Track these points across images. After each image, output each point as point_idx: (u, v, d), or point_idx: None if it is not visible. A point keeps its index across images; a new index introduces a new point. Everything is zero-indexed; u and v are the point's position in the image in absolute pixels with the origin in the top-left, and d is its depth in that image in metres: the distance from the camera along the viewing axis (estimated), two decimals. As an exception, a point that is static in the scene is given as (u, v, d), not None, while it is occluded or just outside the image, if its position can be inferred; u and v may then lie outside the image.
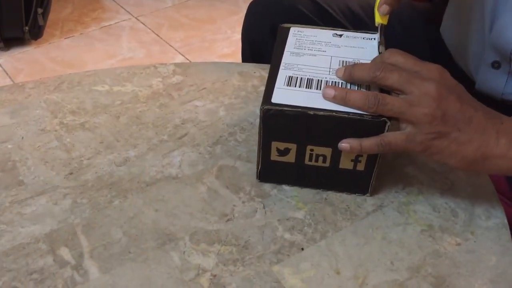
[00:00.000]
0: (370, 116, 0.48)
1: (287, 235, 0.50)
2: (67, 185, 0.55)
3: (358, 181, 0.53)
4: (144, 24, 2.00)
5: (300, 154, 0.52)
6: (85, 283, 0.46)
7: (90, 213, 0.52)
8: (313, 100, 0.49)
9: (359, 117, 0.48)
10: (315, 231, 0.51)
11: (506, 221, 0.52)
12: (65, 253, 0.49)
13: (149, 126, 0.62)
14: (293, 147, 0.51)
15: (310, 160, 0.52)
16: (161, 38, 1.92)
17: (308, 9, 0.78)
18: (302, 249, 0.49)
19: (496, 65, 0.66)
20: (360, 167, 0.52)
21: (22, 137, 0.60)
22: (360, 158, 0.51)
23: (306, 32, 0.58)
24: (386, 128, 0.48)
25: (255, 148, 0.59)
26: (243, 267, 0.48)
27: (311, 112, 0.48)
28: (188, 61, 1.79)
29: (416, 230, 0.51)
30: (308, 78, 0.51)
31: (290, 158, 0.52)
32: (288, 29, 0.59)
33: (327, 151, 0.51)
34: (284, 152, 0.52)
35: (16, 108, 0.64)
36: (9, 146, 0.59)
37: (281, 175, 0.55)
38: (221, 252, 0.49)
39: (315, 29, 0.59)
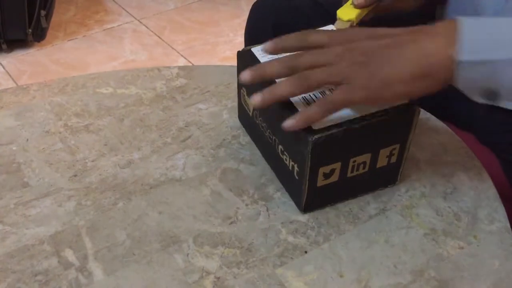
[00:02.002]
0: (397, 108, 0.49)
1: (290, 238, 0.51)
2: (72, 187, 0.55)
3: (389, 173, 0.54)
4: (146, 26, 2.01)
5: (344, 169, 0.51)
6: (90, 285, 0.46)
7: (94, 215, 0.52)
8: (339, 113, 0.48)
9: (391, 111, 0.49)
10: (318, 234, 0.51)
11: (509, 225, 0.52)
12: (69, 254, 0.49)
13: (153, 128, 0.62)
14: (337, 166, 0.50)
15: (352, 171, 0.51)
16: (164, 40, 1.93)
17: (310, 11, 0.79)
18: (306, 252, 0.49)
19: None
20: (393, 159, 0.52)
21: (27, 139, 0.61)
22: (393, 151, 0.52)
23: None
24: (417, 113, 0.49)
25: (258, 151, 0.59)
26: (247, 270, 0.48)
27: (356, 125, 0.48)
28: (190, 64, 1.80)
29: (419, 234, 0.51)
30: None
31: (335, 177, 0.51)
32: (249, 50, 0.56)
33: (367, 157, 0.51)
34: (329, 175, 0.50)
35: (21, 110, 0.64)
36: (14, 148, 0.60)
37: (325, 198, 0.53)
38: (225, 255, 0.49)
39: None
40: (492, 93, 0.46)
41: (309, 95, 0.50)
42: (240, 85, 0.59)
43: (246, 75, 0.49)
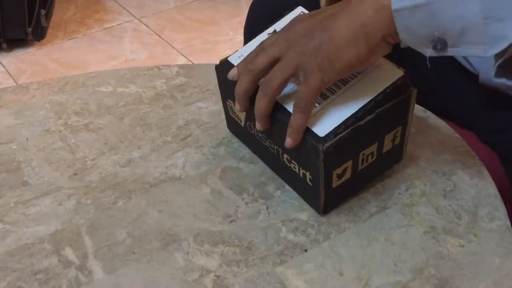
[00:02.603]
0: (394, 92, 0.49)
1: (290, 236, 0.51)
2: (72, 186, 0.55)
3: (395, 154, 0.54)
4: (146, 25, 2.01)
5: (355, 165, 0.51)
6: (90, 284, 0.46)
7: (94, 214, 0.52)
8: (339, 109, 0.48)
9: (386, 96, 0.48)
10: (319, 233, 0.51)
11: (509, 223, 0.52)
12: (69, 253, 0.49)
13: (152, 127, 0.62)
14: (349, 164, 0.50)
15: (362, 164, 0.51)
16: (164, 39, 1.93)
17: (309, 9, 0.78)
18: (306, 250, 0.49)
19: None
20: (397, 141, 0.53)
21: (27, 138, 0.61)
22: (397, 134, 0.52)
23: (244, 51, 0.55)
24: (413, 93, 0.50)
25: (259, 149, 0.59)
26: (247, 268, 0.48)
27: (362, 122, 0.47)
28: (190, 63, 1.79)
29: (419, 232, 0.51)
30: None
31: (347, 175, 0.51)
32: (226, 61, 0.55)
33: (374, 147, 0.51)
34: (342, 174, 0.50)
35: (21, 109, 0.64)
36: (14, 146, 0.60)
37: (340, 196, 0.53)
38: (225, 253, 0.49)
39: (249, 44, 0.56)
40: (438, 41, 0.44)
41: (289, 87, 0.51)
42: (224, 98, 0.58)
43: (237, 106, 0.52)
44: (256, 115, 0.50)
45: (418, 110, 0.64)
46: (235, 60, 0.54)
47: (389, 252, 0.49)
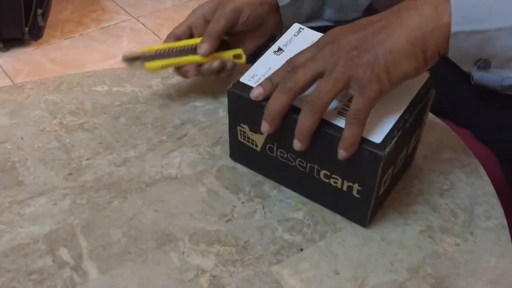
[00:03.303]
0: (423, 87, 0.50)
1: (286, 236, 0.50)
2: (67, 186, 0.55)
3: (410, 157, 0.56)
4: (144, 25, 2.01)
5: (393, 170, 0.51)
6: (84, 284, 0.46)
7: (89, 214, 0.52)
8: (383, 114, 0.48)
9: (420, 97, 0.50)
10: (314, 232, 0.51)
11: (505, 221, 0.52)
12: (64, 253, 0.49)
13: (148, 126, 0.62)
14: (391, 169, 0.50)
15: (395, 168, 0.52)
16: (161, 39, 1.92)
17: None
18: (302, 249, 0.49)
19: None
20: (415, 143, 0.55)
21: (22, 138, 0.60)
22: (417, 135, 0.54)
23: (255, 71, 0.53)
24: (432, 95, 0.51)
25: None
26: (243, 268, 0.48)
27: (407, 124, 0.49)
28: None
29: (416, 231, 0.51)
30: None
31: (388, 181, 0.51)
32: (239, 83, 0.52)
33: (405, 151, 0.52)
34: (386, 181, 0.51)
35: (16, 109, 0.64)
36: (9, 146, 0.59)
37: (379, 205, 0.53)
38: (221, 253, 0.49)
39: (259, 63, 0.54)
40: (484, 62, 0.46)
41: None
42: (235, 123, 0.54)
43: (265, 127, 0.49)
44: (301, 134, 0.47)
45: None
46: (249, 81, 0.51)
47: (385, 251, 0.49)
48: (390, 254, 0.49)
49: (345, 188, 0.49)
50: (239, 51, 0.64)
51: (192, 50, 0.62)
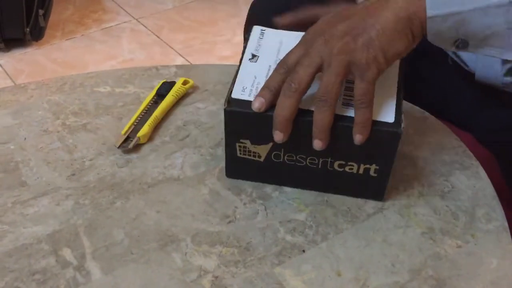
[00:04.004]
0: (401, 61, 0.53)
1: (288, 237, 0.51)
2: (69, 186, 0.55)
3: None
4: (144, 25, 2.01)
5: None
6: (87, 284, 0.46)
7: (92, 214, 0.52)
8: (380, 94, 0.50)
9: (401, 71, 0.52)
10: (316, 233, 0.51)
11: (506, 224, 0.53)
12: (67, 253, 0.49)
13: (151, 127, 0.62)
14: None
15: None
16: (162, 40, 1.93)
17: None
18: (304, 251, 0.49)
19: None
20: None
21: (25, 138, 0.60)
22: None
23: (243, 83, 0.52)
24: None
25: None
26: (245, 269, 0.48)
27: (402, 97, 0.51)
28: (188, 63, 1.79)
29: (417, 233, 0.51)
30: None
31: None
32: (231, 99, 0.51)
33: None
34: None
35: (19, 109, 0.64)
36: (12, 147, 0.59)
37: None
38: (223, 254, 0.49)
39: (241, 76, 0.53)
40: (462, 42, 0.48)
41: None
42: (233, 140, 0.52)
43: (279, 136, 0.49)
44: (321, 132, 0.48)
45: (417, 111, 0.65)
46: (241, 95, 0.51)
47: (386, 252, 0.50)
48: (391, 256, 0.49)
49: (361, 171, 0.51)
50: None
51: (158, 100, 0.64)
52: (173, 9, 2.12)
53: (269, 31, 0.57)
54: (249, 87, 0.51)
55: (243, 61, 0.54)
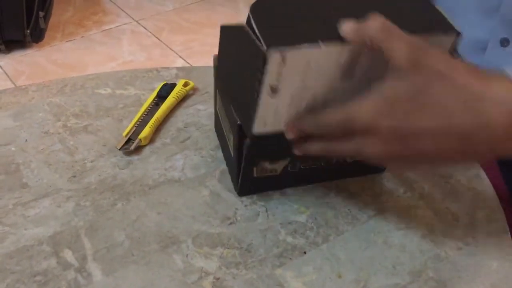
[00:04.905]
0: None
1: (289, 239, 0.51)
2: (70, 188, 0.55)
3: None
4: (144, 27, 2.01)
5: None
6: (89, 285, 0.46)
7: (93, 216, 0.52)
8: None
9: None
10: (317, 235, 0.51)
11: (507, 226, 0.53)
12: (68, 255, 0.49)
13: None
14: None
15: None
16: (162, 41, 1.93)
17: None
18: (305, 252, 0.50)
19: (505, 43, 0.63)
20: None
21: (26, 140, 0.61)
22: None
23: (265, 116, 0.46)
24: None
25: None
26: (246, 270, 0.48)
27: None
28: (188, 65, 1.80)
29: (418, 234, 0.51)
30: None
31: None
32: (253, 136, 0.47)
33: None
34: None
35: (20, 111, 0.64)
36: (13, 148, 0.59)
37: None
38: (224, 255, 0.49)
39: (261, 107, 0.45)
40: None
41: None
42: (250, 165, 0.51)
43: (299, 150, 0.46)
44: (314, 130, 0.45)
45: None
46: (263, 130, 0.46)
47: (387, 254, 0.50)
48: (392, 258, 0.49)
49: None
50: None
51: (159, 101, 0.65)
52: (173, 10, 2.12)
53: (291, 53, 0.41)
54: (270, 121, 0.46)
55: (261, 97, 0.43)
